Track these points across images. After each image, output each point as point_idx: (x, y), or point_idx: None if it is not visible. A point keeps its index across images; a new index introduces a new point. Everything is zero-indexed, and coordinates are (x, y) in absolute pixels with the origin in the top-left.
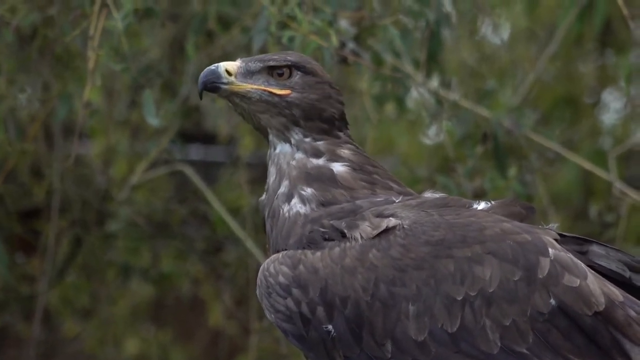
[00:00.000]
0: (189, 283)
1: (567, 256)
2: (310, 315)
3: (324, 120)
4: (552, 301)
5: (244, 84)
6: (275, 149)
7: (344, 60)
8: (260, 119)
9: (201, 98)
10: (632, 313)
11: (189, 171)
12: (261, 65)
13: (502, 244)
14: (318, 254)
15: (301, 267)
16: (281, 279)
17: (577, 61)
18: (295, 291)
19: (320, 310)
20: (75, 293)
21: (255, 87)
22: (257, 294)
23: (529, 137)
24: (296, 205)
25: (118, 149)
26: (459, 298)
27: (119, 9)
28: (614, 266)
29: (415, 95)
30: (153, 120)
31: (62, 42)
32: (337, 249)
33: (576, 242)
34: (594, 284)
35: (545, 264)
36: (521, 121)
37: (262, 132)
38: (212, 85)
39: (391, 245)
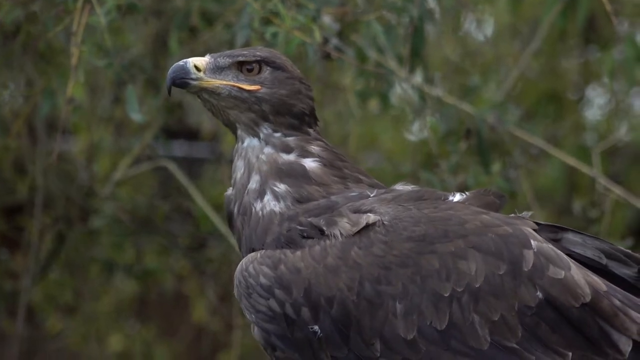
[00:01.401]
0: (173, 279)
1: (550, 247)
2: (295, 316)
3: (293, 116)
4: (539, 294)
5: (213, 80)
6: (243, 142)
7: (327, 56)
8: (230, 115)
9: (169, 94)
10: (617, 302)
11: (173, 167)
12: (230, 60)
13: (484, 237)
14: (298, 253)
15: (282, 267)
16: (262, 279)
17: (560, 57)
18: (278, 292)
19: (305, 311)
20: (58, 289)
21: (224, 82)
22: (236, 293)
23: (513, 133)
24: (270, 203)
25: (101, 145)
26: (446, 294)
27: (102, 4)
28: (589, 253)
29: (399, 91)
30: (136, 116)
31: (45, 38)
32: (317, 248)
33: (550, 230)
34: (578, 274)
35: (529, 257)
36: (505, 117)
37: (231, 128)
38: (181, 81)
39: (373, 242)
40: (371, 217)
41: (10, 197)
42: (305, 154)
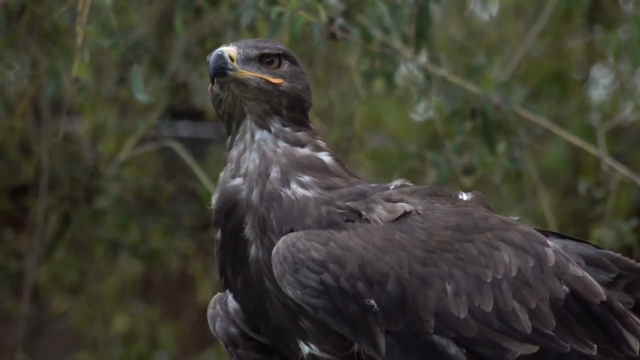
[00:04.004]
0: (178, 259)
1: (561, 249)
2: (350, 289)
3: (302, 111)
4: (565, 288)
5: (245, 71)
6: (254, 135)
7: (332, 36)
8: (246, 105)
9: (213, 83)
10: (620, 305)
11: (178, 147)
12: (257, 52)
13: (508, 233)
14: (345, 232)
15: (333, 244)
16: (314, 254)
17: (565, 37)
18: (332, 266)
19: (360, 285)
20: (63, 269)
21: (254, 74)
22: (275, 271)
23: (518, 113)
24: (298, 190)
25: (106, 125)
26: (488, 280)
27: None
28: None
29: (404, 71)
30: (141, 97)
31: (50, 18)
32: (361, 229)
33: None
34: (590, 276)
35: (550, 254)
36: (510, 97)
37: (231, 119)
38: (221, 71)
39: (414, 228)
40: (406, 206)
41: (15, 177)
42: (317, 148)
